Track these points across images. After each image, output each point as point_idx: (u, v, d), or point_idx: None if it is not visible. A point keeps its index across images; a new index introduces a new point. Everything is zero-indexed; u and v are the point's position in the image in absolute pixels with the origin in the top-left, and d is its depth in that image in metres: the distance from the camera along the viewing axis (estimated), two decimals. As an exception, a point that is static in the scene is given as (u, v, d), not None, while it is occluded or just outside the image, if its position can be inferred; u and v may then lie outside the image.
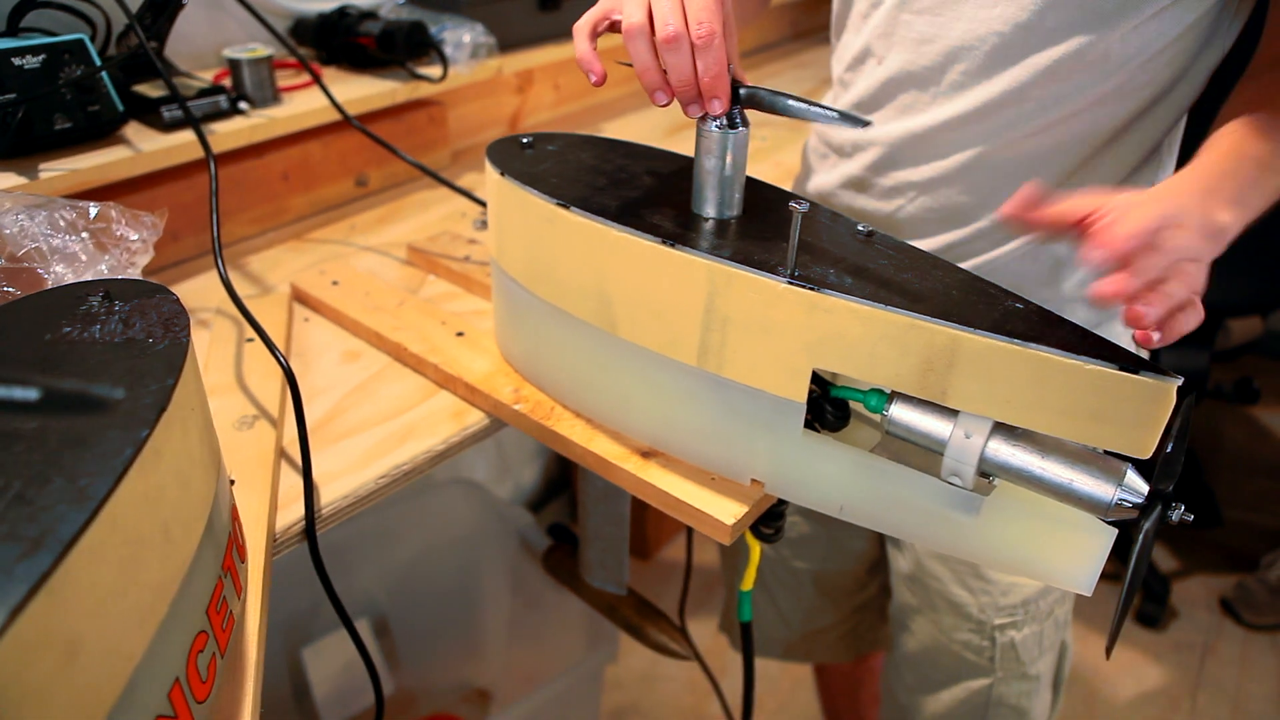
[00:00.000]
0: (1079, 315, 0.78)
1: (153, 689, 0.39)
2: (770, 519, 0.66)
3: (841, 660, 1.15)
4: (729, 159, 0.57)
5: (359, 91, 1.02)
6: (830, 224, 0.59)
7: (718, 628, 1.69)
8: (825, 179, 0.85)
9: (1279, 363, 2.45)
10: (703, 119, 0.57)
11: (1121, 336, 0.82)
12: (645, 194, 0.61)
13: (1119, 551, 1.73)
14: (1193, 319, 0.54)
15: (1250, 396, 2.23)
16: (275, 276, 0.92)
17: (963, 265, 0.78)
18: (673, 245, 0.54)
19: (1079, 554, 0.53)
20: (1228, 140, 0.61)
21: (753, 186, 0.62)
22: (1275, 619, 1.74)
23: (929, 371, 0.50)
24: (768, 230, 0.57)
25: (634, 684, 1.64)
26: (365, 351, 0.78)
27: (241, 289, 0.89)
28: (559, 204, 0.59)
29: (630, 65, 0.58)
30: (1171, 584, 1.82)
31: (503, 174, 0.63)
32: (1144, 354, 0.87)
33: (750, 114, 0.58)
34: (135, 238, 0.67)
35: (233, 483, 0.60)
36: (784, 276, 0.51)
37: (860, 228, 0.58)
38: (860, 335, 0.50)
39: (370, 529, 1.39)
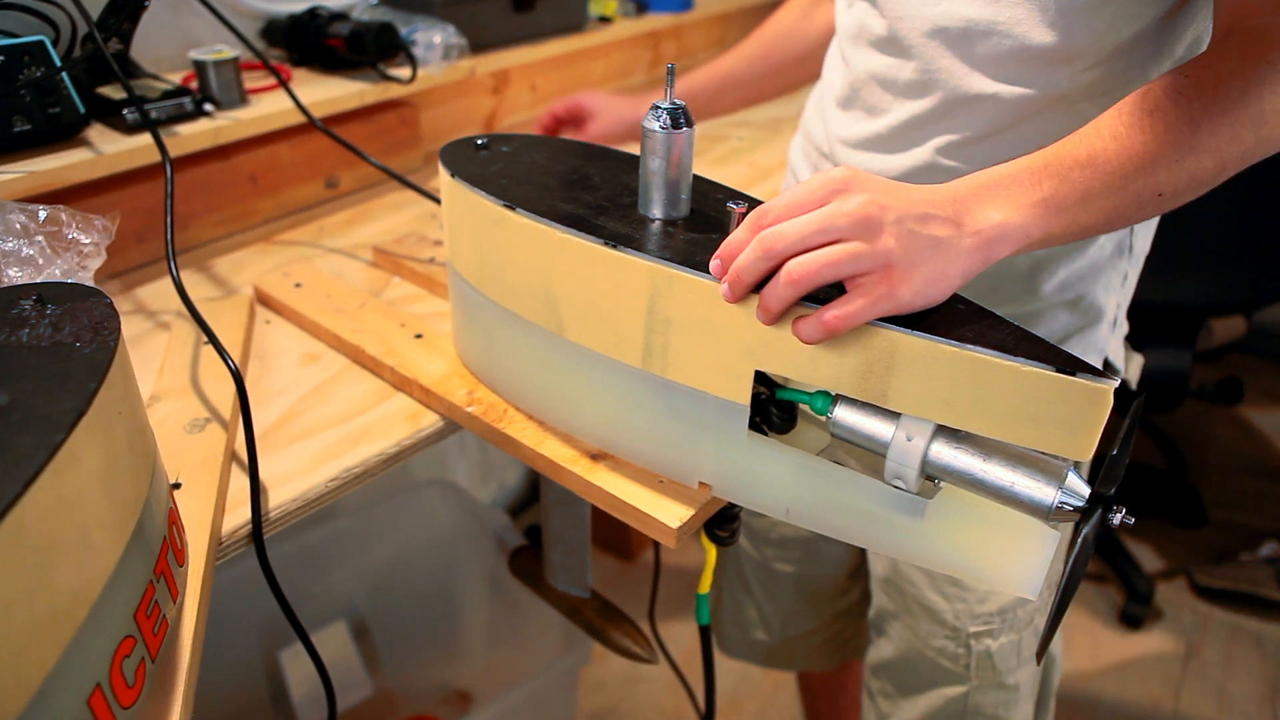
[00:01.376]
0: (1060, 320, 0.77)
1: (68, 695, 0.38)
2: (724, 521, 0.66)
3: (824, 668, 1.14)
4: (673, 159, 0.56)
5: (328, 93, 1.02)
6: (778, 225, 0.59)
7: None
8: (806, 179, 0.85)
9: (1264, 361, 2.45)
10: (646, 118, 0.56)
11: (1106, 342, 0.81)
12: (595, 195, 0.61)
13: (1101, 551, 1.73)
14: (814, 330, 0.48)
15: (1234, 396, 2.23)
16: (241, 278, 0.91)
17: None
18: (614, 247, 0.54)
19: (1023, 557, 0.53)
20: (1075, 135, 0.55)
21: (703, 187, 0.62)
22: (1226, 583, 1.77)
23: (869, 374, 0.50)
24: (714, 231, 0.57)
25: (616, 686, 1.63)
26: (325, 354, 0.78)
27: (206, 291, 0.89)
28: (505, 205, 0.58)
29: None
30: (1156, 584, 1.81)
31: (453, 175, 0.63)
32: (1122, 360, 0.86)
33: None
34: (87, 241, 0.67)
35: (178, 486, 0.59)
36: (724, 278, 0.51)
37: (808, 229, 0.58)
38: (800, 337, 0.50)
39: (348, 530, 1.38)
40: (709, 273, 0.52)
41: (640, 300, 0.54)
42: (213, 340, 0.64)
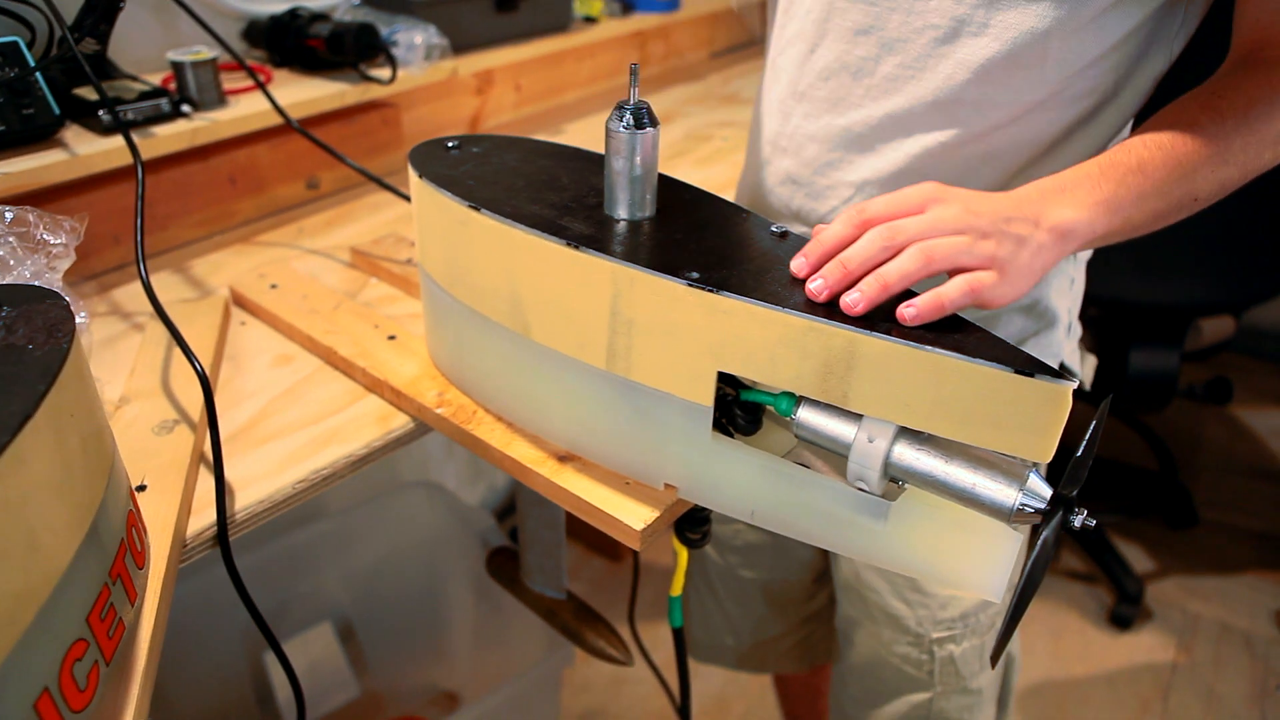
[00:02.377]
0: (1016, 324, 0.77)
1: (13, 700, 0.38)
2: (694, 524, 0.66)
3: (795, 670, 1.14)
4: (637, 159, 0.56)
5: (309, 94, 1.02)
6: (745, 223, 0.59)
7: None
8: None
9: (1254, 360, 2.44)
10: (610, 118, 0.56)
11: (1061, 346, 0.81)
12: (562, 196, 0.61)
13: (1092, 551, 1.72)
14: (954, 292, 0.51)
15: (1223, 396, 2.23)
16: (218, 280, 0.91)
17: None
18: (577, 247, 0.54)
19: (987, 559, 0.53)
20: (1123, 146, 0.61)
21: (670, 186, 0.62)
22: None
23: (829, 375, 0.50)
24: (678, 231, 0.57)
25: (603, 687, 1.63)
26: (298, 355, 0.78)
27: (183, 293, 0.89)
28: (470, 206, 0.58)
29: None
30: (1146, 585, 1.81)
31: (421, 176, 0.63)
32: (1077, 363, 0.86)
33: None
34: (55, 242, 0.67)
35: (143, 488, 0.59)
36: (684, 278, 0.51)
37: (774, 228, 0.58)
38: (760, 338, 0.50)
39: (334, 531, 1.38)
40: (671, 273, 0.51)
41: (603, 301, 0.54)
42: (179, 342, 0.64)
